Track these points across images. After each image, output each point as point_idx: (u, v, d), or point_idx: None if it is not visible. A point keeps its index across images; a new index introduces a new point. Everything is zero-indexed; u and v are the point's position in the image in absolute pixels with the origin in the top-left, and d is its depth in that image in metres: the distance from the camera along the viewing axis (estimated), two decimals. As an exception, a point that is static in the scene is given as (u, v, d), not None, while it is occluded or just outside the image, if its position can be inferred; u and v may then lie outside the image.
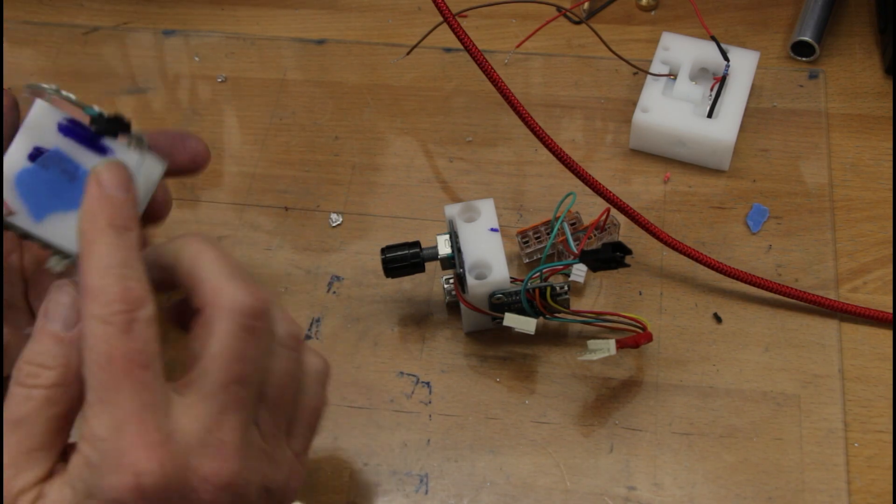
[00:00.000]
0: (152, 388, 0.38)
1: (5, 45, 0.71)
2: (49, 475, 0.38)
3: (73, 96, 0.43)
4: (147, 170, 0.44)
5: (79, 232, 0.39)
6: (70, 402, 0.39)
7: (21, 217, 0.42)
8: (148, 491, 0.36)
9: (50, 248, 0.43)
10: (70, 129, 0.43)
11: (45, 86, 0.43)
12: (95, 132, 0.43)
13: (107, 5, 0.73)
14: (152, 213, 0.47)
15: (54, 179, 0.42)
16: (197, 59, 0.70)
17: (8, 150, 0.42)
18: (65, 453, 0.39)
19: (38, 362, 0.39)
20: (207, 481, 0.38)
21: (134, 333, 0.37)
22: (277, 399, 0.42)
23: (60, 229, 0.42)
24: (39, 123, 0.43)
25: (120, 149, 0.44)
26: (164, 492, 0.37)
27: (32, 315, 0.51)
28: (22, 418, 0.38)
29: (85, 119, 0.44)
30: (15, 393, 0.38)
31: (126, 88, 0.69)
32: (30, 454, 0.38)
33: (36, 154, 0.42)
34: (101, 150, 0.44)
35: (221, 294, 0.39)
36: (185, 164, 0.48)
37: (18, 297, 0.51)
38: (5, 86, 0.68)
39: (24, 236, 0.42)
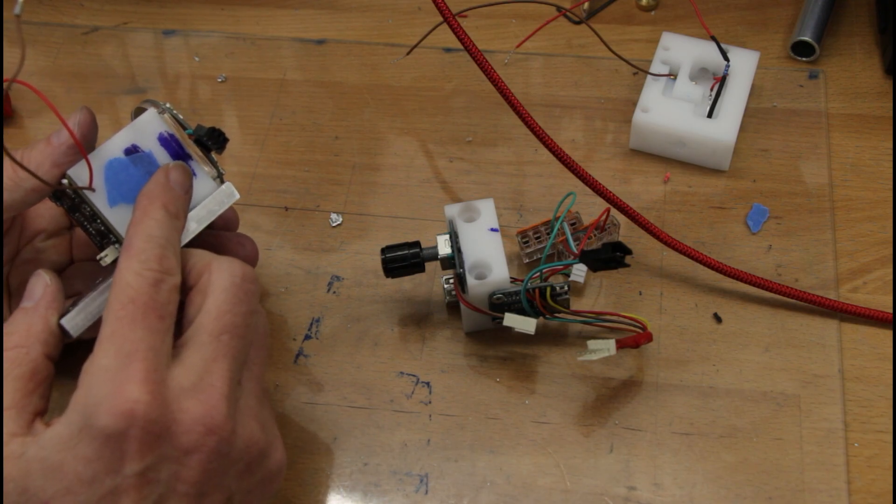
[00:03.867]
0: (162, 336, 0.42)
1: (5, 45, 0.71)
2: (23, 434, 0.41)
3: (180, 116, 0.49)
4: (220, 195, 0.50)
5: (136, 204, 0.45)
6: (32, 364, 0.43)
7: (98, 197, 0.47)
8: (138, 419, 0.39)
9: (106, 236, 0.48)
10: (168, 141, 0.49)
11: (161, 103, 0.49)
12: (196, 140, 0.49)
13: (107, 5, 0.73)
14: (224, 226, 0.55)
15: (137, 177, 0.48)
16: (197, 59, 0.70)
17: (111, 138, 0.48)
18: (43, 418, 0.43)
19: (7, 331, 0.44)
20: (196, 422, 0.41)
21: (160, 289, 0.42)
22: (259, 362, 0.46)
23: (125, 219, 0.47)
24: (144, 127, 0.48)
25: (202, 174, 0.50)
26: (154, 425, 0.40)
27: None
28: None
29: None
30: None
31: (126, 88, 0.69)
32: (6, 412, 0.42)
33: (132, 150, 0.48)
34: None
35: (216, 263, 0.45)
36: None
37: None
38: (5, 85, 0.68)
39: (90, 217, 0.47)
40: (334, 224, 0.62)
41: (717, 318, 0.57)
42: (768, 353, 0.55)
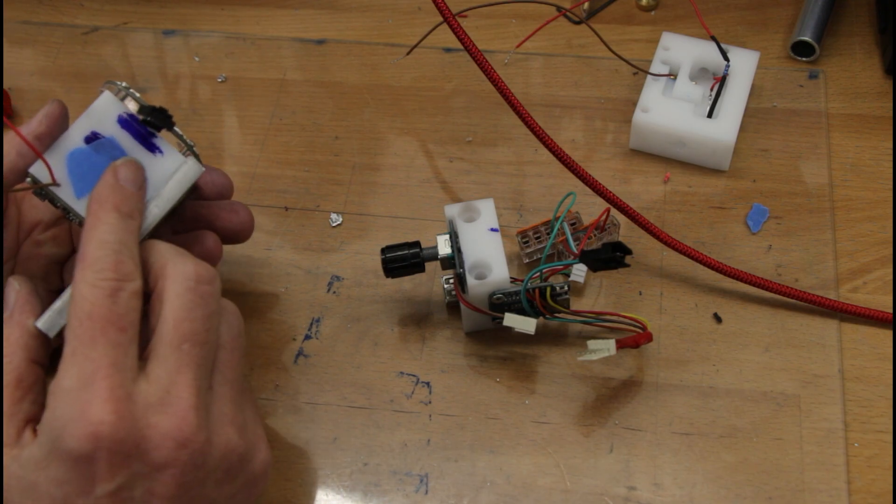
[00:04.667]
0: (124, 350, 0.41)
1: (5, 45, 0.71)
2: (10, 444, 0.41)
3: (137, 94, 0.47)
4: (186, 170, 0.48)
5: (87, 210, 0.44)
6: (15, 372, 0.43)
7: (64, 191, 0.46)
8: (104, 440, 0.39)
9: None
10: (128, 122, 0.47)
11: (118, 83, 0.47)
12: (141, 121, 0.47)
13: (107, 5, 0.73)
14: (233, 236, 0.54)
15: (102, 165, 0.46)
16: (197, 59, 0.70)
17: (69, 129, 0.46)
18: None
19: None
20: (166, 437, 0.40)
21: (118, 299, 0.41)
22: (231, 364, 0.44)
23: None
24: (102, 112, 0.47)
25: (169, 150, 0.48)
26: (121, 444, 0.39)
27: None
28: None
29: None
30: None
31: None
32: None
33: (92, 138, 0.46)
34: (152, 149, 0.48)
35: (170, 266, 0.43)
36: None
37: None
38: (5, 86, 0.68)
39: (64, 210, 0.46)
40: (334, 224, 0.62)
41: (717, 318, 0.57)
42: (768, 353, 0.55)
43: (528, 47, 0.69)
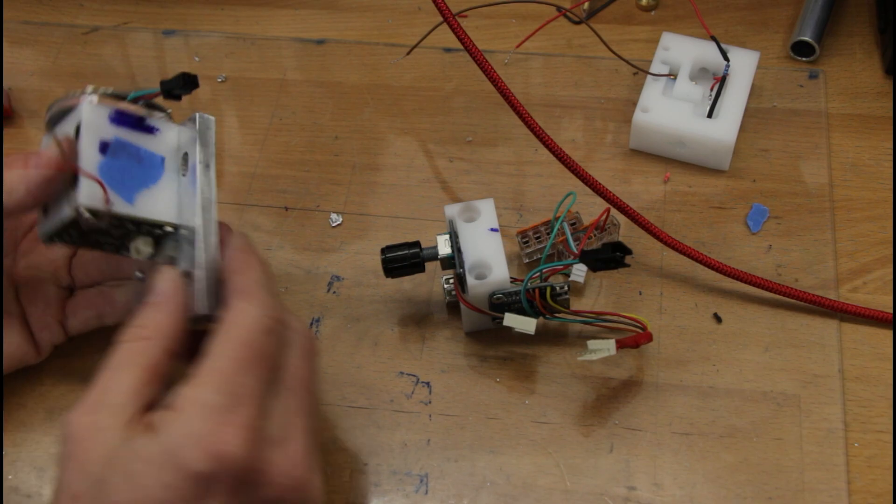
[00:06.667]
0: (266, 386, 0.42)
1: (5, 45, 0.71)
2: (124, 426, 0.41)
3: (110, 89, 0.48)
4: (203, 122, 0.50)
5: (228, 255, 0.46)
6: (154, 357, 0.43)
7: (118, 204, 0.46)
8: (230, 465, 0.39)
9: (124, 238, 0.47)
10: (120, 118, 0.48)
11: (84, 90, 0.47)
12: (165, 94, 0.49)
13: (107, 5, 0.73)
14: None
15: (126, 165, 0.47)
16: (197, 59, 0.70)
17: (80, 151, 0.46)
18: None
19: (136, 324, 0.44)
20: (282, 476, 0.42)
21: (273, 338, 0.43)
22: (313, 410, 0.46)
23: (150, 205, 0.47)
24: (93, 121, 0.47)
25: (164, 125, 0.49)
26: (243, 473, 0.40)
27: (25, 320, 0.52)
28: (119, 364, 0.42)
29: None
30: (116, 349, 0.43)
31: (126, 88, 0.69)
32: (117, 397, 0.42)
33: (104, 147, 0.47)
34: (150, 130, 0.49)
35: (294, 319, 0.46)
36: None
37: (11, 302, 0.51)
38: (5, 86, 0.68)
39: (120, 221, 0.46)
40: (334, 224, 0.62)
41: (717, 318, 0.57)
42: (768, 353, 0.55)
43: (528, 47, 0.69)
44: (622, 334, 0.55)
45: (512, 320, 0.52)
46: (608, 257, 0.51)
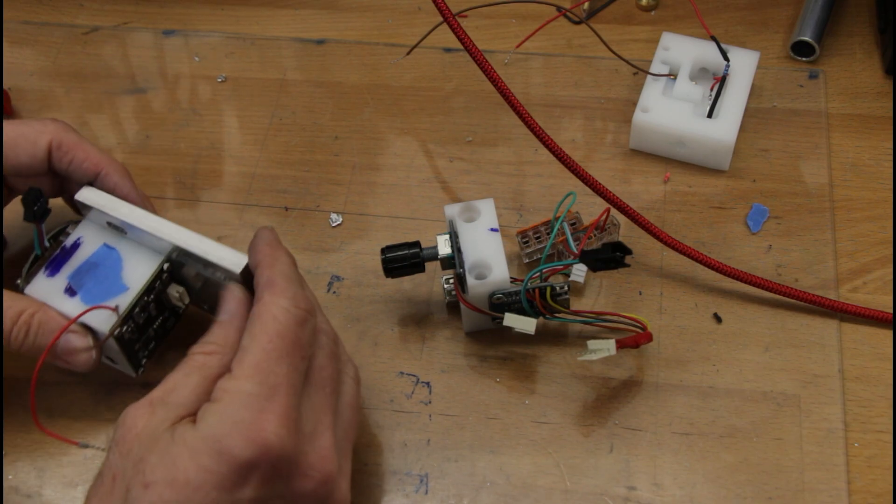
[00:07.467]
0: (300, 377, 0.44)
1: (5, 45, 0.71)
2: (170, 425, 0.42)
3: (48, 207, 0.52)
4: (88, 196, 0.53)
5: (258, 251, 0.47)
6: (219, 370, 0.44)
7: (119, 300, 0.51)
8: (271, 453, 0.41)
9: (156, 286, 0.52)
10: (54, 267, 0.52)
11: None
12: (30, 216, 0.51)
13: (107, 5, 0.73)
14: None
15: (93, 277, 0.52)
16: (197, 59, 0.70)
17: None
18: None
19: (207, 340, 0.46)
20: (314, 469, 0.43)
21: (304, 329, 0.45)
22: (349, 411, 0.48)
23: (138, 273, 0.52)
24: (51, 297, 0.51)
25: (78, 232, 0.53)
26: (281, 462, 0.41)
27: None
28: (188, 371, 0.44)
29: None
30: (188, 358, 0.45)
31: (126, 88, 0.69)
32: (174, 399, 0.44)
33: (71, 291, 0.51)
34: (76, 247, 0.53)
35: (322, 318, 0.48)
36: None
37: None
38: (5, 86, 0.68)
39: (135, 306, 0.51)
40: (334, 224, 0.62)
41: (717, 318, 0.57)
42: (768, 353, 0.55)
43: (528, 47, 0.69)
44: (622, 334, 0.55)
45: (512, 320, 0.52)
46: (608, 257, 0.51)
